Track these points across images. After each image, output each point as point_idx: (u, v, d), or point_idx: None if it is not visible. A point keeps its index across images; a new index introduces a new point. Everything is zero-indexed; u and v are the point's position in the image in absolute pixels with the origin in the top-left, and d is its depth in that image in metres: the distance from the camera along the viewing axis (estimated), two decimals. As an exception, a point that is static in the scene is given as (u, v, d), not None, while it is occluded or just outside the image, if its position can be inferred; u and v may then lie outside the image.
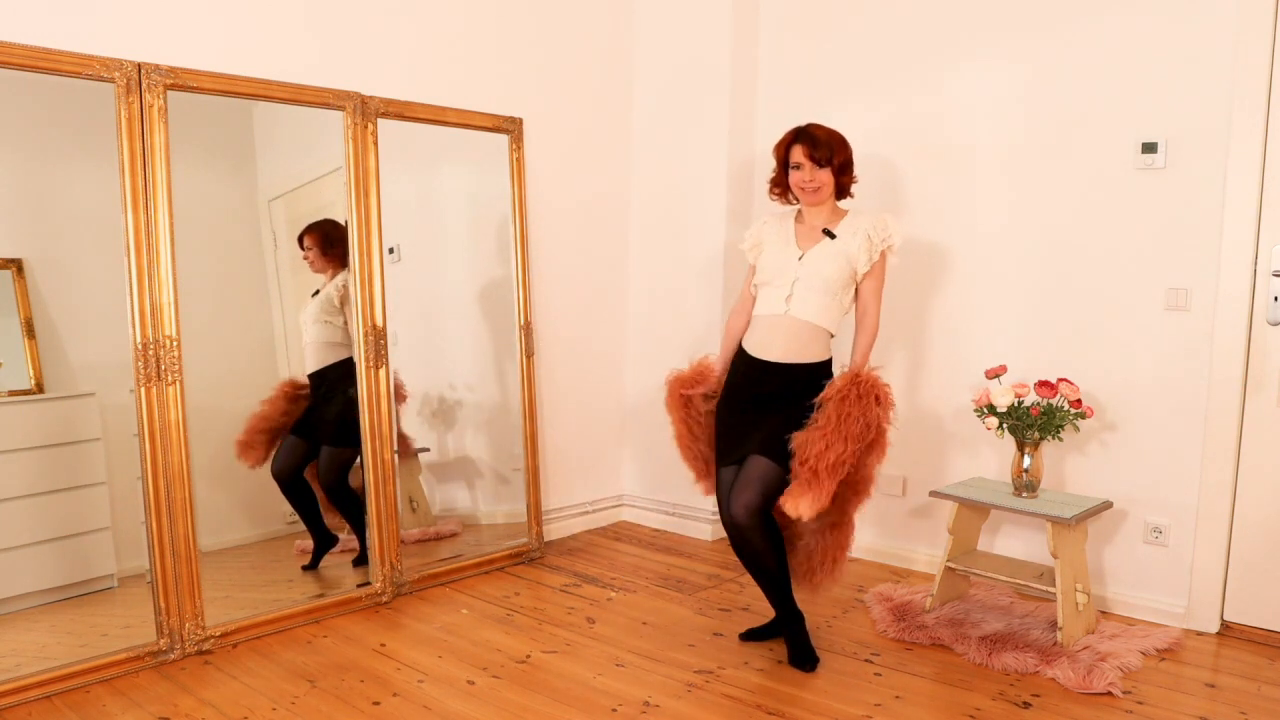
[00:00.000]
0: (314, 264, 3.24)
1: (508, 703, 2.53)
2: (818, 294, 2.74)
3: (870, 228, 2.76)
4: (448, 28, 3.51)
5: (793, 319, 2.75)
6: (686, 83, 4.02)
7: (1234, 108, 2.89)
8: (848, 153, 2.81)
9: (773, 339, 2.77)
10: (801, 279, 2.75)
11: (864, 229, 2.76)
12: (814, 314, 2.74)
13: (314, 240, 3.22)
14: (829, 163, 2.76)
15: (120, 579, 2.89)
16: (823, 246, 2.77)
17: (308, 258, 3.23)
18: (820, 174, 2.76)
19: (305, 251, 3.22)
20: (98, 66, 2.57)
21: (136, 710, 2.46)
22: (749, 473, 2.69)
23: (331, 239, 3.22)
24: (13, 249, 2.73)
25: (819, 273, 2.74)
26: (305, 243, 3.22)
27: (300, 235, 3.22)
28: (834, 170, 2.77)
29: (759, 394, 2.77)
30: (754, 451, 2.70)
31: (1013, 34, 3.32)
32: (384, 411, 3.21)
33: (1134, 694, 2.59)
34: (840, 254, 2.75)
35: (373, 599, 3.20)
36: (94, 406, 2.80)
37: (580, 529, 4.15)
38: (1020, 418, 3.00)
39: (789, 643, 2.81)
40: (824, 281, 2.74)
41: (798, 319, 2.74)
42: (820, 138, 2.77)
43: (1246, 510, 2.97)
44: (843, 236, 2.77)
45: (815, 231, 2.81)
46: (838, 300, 2.77)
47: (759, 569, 2.77)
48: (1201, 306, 3.00)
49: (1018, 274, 3.36)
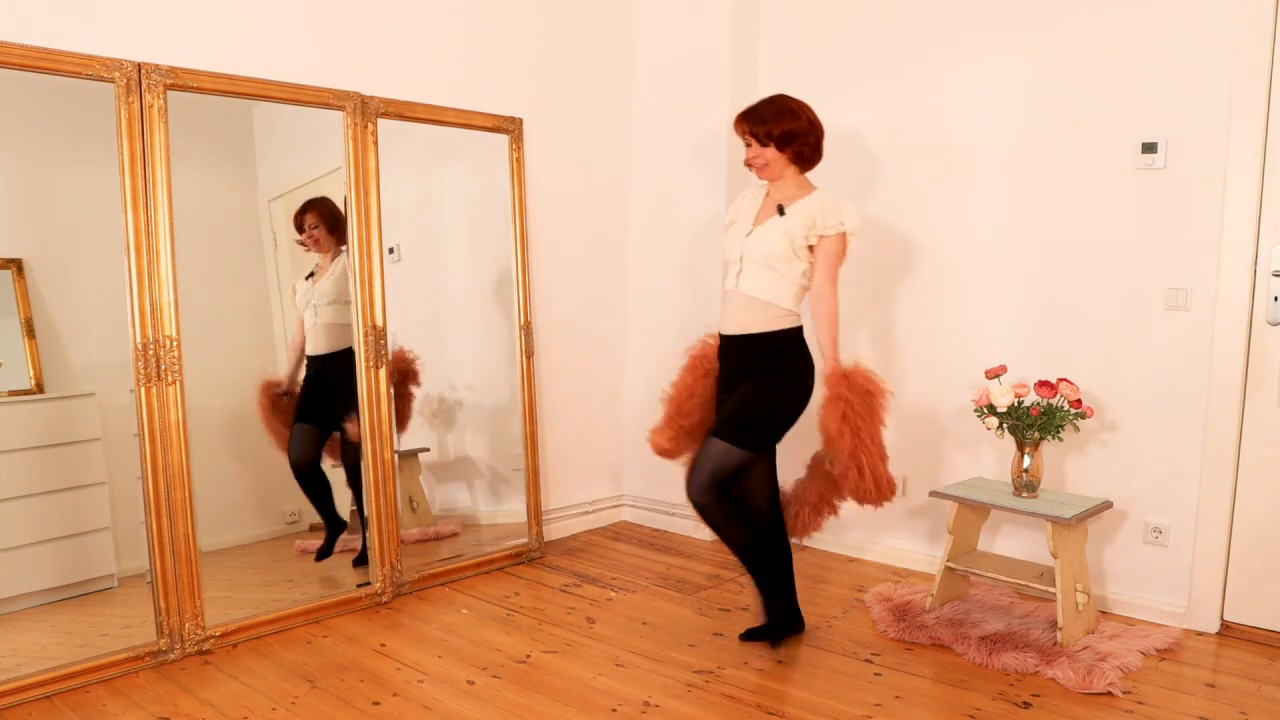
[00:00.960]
0: (319, 243, 3.17)
1: (508, 703, 2.53)
2: (761, 269, 2.76)
3: (819, 209, 2.72)
4: (448, 28, 3.51)
5: (742, 294, 2.80)
6: (686, 83, 4.02)
7: (1234, 108, 2.89)
8: (788, 124, 2.74)
9: (730, 314, 2.83)
10: (747, 255, 2.79)
11: (812, 209, 2.73)
12: (760, 289, 2.76)
13: (319, 218, 3.14)
14: (770, 138, 2.75)
15: (120, 579, 2.89)
16: (771, 223, 2.78)
17: (313, 236, 3.15)
18: (765, 151, 2.77)
19: (309, 230, 3.13)
20: (98, 66, 2.56)
21: (136, 710, 2.46)
22: (705, 451, 2.75)
23: (336, 217, 3.17)
24: (13, 249, 2.73)
25: (761, 248, 2.76)
26: (308, 221, 3.13)
27: (300, 213, 3.11)
28: (777, 144, 2.75)
29: (728, 369, 2.84)
30: (713, 432, 2.76)
31: (1013, 34, 3.32)
32: (384, 411, 3.21)
33: (1134, 694, 2.59)
34: (783, 231, 2.74)
35: (373, 599, 3.20)
36: (94, 406, 2.81)
37: (580, 529, 4.15)
38: (1020, 418, 3.00)
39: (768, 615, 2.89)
40: (764, 257, 2.75)
41: (746, 294, 2.79)
42: (762, 113, 2.76)
43: (1246, 510, 2.97)
44: (791, 214, 2.76)
45: (773, 207, 2.82)
46: (783, 275, 2.74)
47: (729, 545, 2.84)
48: (1201, 306, 3.00)
49: (1018, 273, 3.36)
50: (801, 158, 2.80)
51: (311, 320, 3.22)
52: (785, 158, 2.77)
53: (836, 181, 3.77)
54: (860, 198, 3.73)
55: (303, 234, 3.15)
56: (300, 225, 3.15)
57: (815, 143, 2.80)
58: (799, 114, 2.77)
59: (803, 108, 2.80)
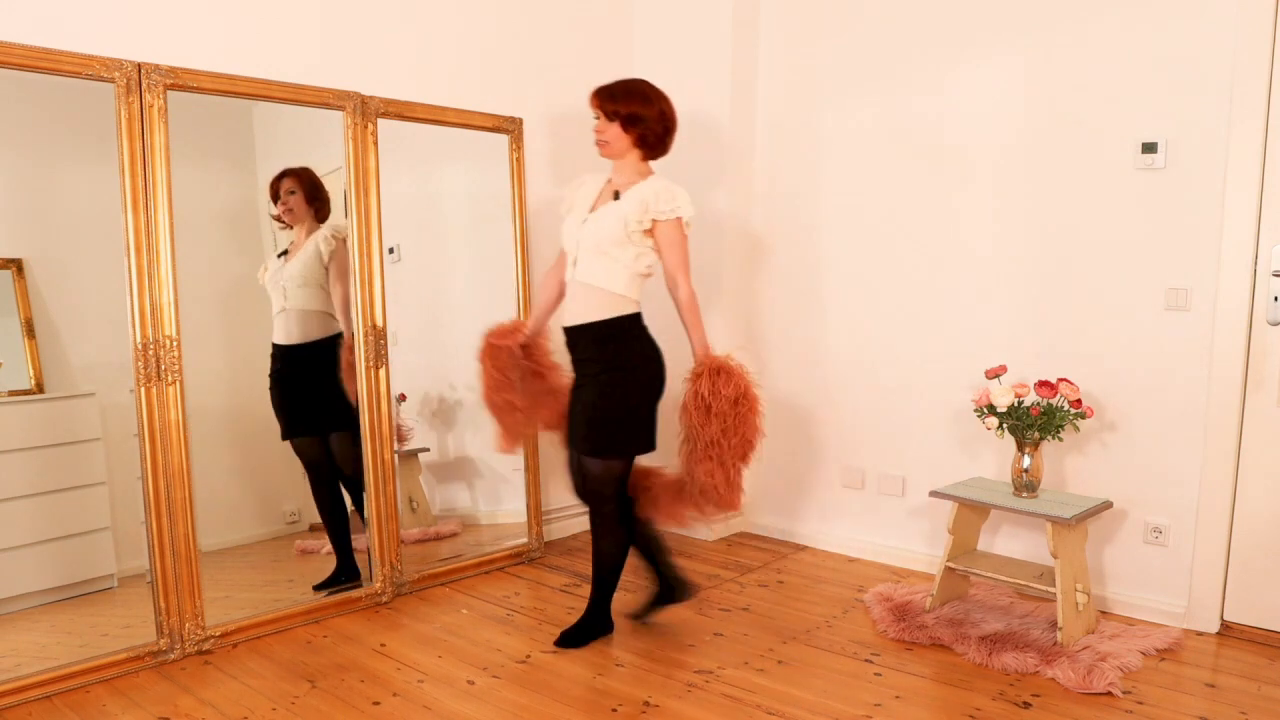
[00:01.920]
0: (294, 212, 2.98)
1: (508, 703, 2.53)
2: (595, 256, 2.74)
3: (652, 194, 2.71)
4: (448, 28, 3.51)
5: (580, 284, 2.77)
6: (686, 82, 4.01)
7: (1234, 108, 2.89)
8: (638, 106, 2.73)
9: (572, 304, 2.80)
10: (583, 243, 2.77)
11: (645, 193, 2.71)
12: (596, 277, 2.73)
13: (298, 183, 2.95)
14: (617, 116, 2.73)
15: (120, 579, 2.89)
16: (606, 208, 2.77)
17: (288, 205, 2.97)
18: (611, 127, 2.75)
19: (284, 198, 2.93)
20: (98, 66, 2.56)
21: (136, 710, 2.46)
22: (589, 473, 2.79)
23: (316, 187, 3.01)
24: (13, 249, 2.73)
25: (595, 235, 2.74)
26: (284, 187, 2.93)
27: (276, 180, 2.91)
28: (622, 123, 2.73)
29: (577, 360, 2.83)
30: (584, 451, 2.78)
31: (1013, 34, 3.32)
32: (384, 411, 3.21)
33: (1134, 694, 2.59)
34: (617, 216, 2.72)
35: (373, 599, 3.20)
36: (94, 406, 2.81)
37: (580, 529, 4.15)
38: (1020, 418, 3.00)
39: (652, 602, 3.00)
40: (598, 243, 2.73)
41: (583, 283, 2.76)
42: (614, 90, 2.75)
43: (1246, 510, 2.97)
44: (626, 199, 2.74)
45: (610, 193, 2.81)
46: (617, 261, 2.72)
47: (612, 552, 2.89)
48: (1201, 306, 3.00)
49: (1017, 273, 3.36)
50: (645, 143, 2.77)
51: (280, 304, 3.04)
52: (629, 139, 2.75)
53: (837, 181, 3.79)
54: (860, 197, 3.73)
55: (278, 204, 2.93)
56: (276, 193, 2.95)
57: (662, 132, 2.78)
58: (652, 101, 2.75)
59: (660, 97, 2.78)
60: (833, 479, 3.90)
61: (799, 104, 3.89)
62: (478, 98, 3.58)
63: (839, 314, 3.83)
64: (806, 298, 3.93)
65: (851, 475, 3.84)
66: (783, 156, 3.97)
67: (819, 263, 3.88)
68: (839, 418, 3.86)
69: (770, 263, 4.04)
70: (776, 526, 4.08)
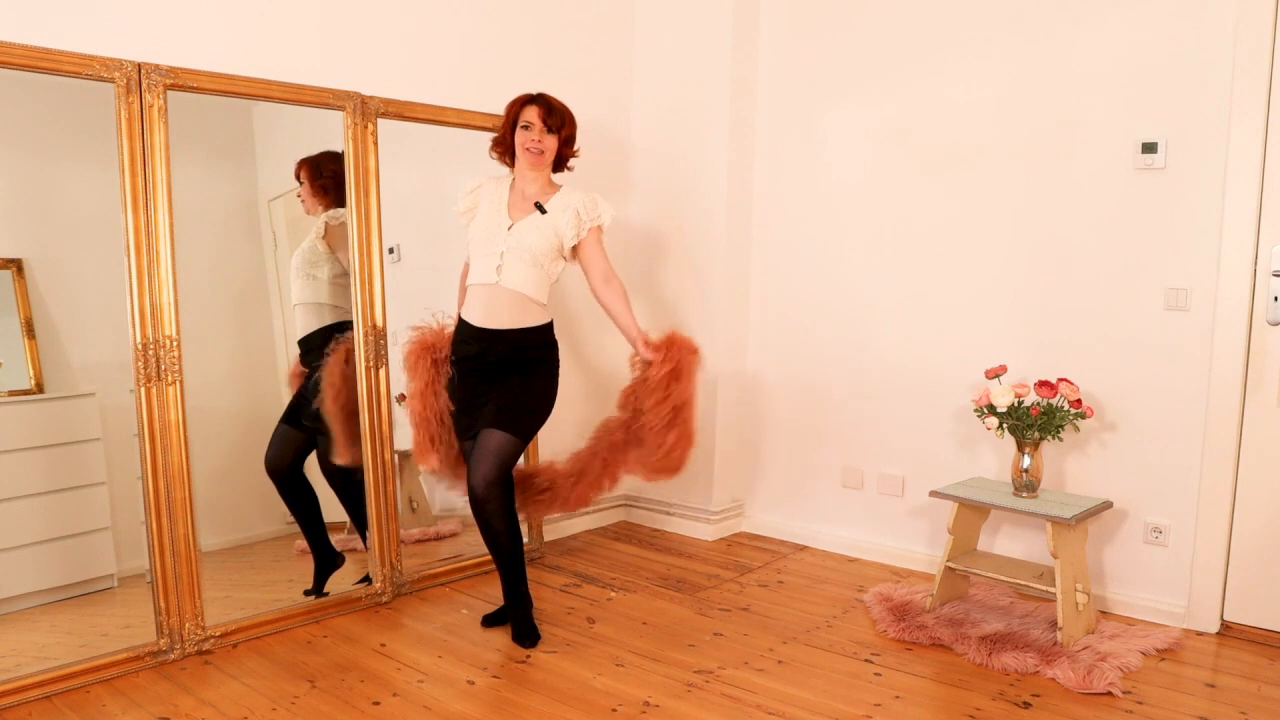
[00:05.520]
0: (305, 202, 3.10)
1: (508, 703, 2.53)
2: (525, 265, 2.85)
3: (580, 205, 2.90)
4: (448, 28, 3.51)
5: (503, 289, 2.85)
6: (686, 82, 4.02)
7: (1234, 108, 2.89)
8: (573, 128, 2.96)
9: (493, 308, 2.86)
10: (510, 250, 2.85)
11: (574, 205, 2.90)
12: (522, 284, 2.85)
13: (305, 171, 3.06)
14: (559, 130, 2.91)
15: (120, 579, 2.89)
16: (532, 219, 2.88)
17: (299, 195, 3.08)
18: (549, 139, 2.90)
19: (299, 188, 3.05)
20: (98, 66, 2.56)
21: (136, 710, 2.46)
22: (486, 445, 2.80)
23: (321, 168, 3.06)
24: (13, 249, 2.73)
25: (526, 245, 2.84)
26: (300, 177, 3.06)
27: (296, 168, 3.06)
28: (560, 140, 2.92)
29: (493, 362, 2.87)
30: (489, 424, 2.81)
31: (1013, 34, 3.32)
32: (384, 411, 3.21)
33: (1134, 694, 2.59)
34: (549, 228, 2.86)
35: (373, 599, 3.20)
36: (94, 406, 2.81)
37: (580, 529, 4.15)
38: (1020, 418, 3.00)
39: (513, 622, 2.95)
40: (531, 254, 2.84)
41: (508, 289, 2.85)
42: (555, 105, 2.93)
43: (1246, 510, 2.97)
44: (553, 211, 2.89)
45: (527, 202, 2.91)
46: (545, 272, 2.89)
47: (494, 545, 2.89)
48: (1201, 307, 3.00)
49: (1017, 273, 3.36)
50: (560, 159, 2.99)
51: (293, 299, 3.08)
52: (556, 153, 2.94)
53: (837, 181, 3.79)
54: (861, 197, 3.73)
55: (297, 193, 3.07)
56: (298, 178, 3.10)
57: (570, 154, 3.01)
58: (576, 122, 2.99)
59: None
60: (833, 479, 3.90)
61: (799, 104, 3.89)
62: (478, 98, 3.58)
63: (839, 314, 3.83)
64: (806, 297, 3.93)
65: (851, 475, 3.84)
66: (783, 157, 3.97)
67: (819, 263, 3.88)
68: (839, 418, 3.86)
69: (769, 263, 4.04)
70: (776, 526, 4.08)
